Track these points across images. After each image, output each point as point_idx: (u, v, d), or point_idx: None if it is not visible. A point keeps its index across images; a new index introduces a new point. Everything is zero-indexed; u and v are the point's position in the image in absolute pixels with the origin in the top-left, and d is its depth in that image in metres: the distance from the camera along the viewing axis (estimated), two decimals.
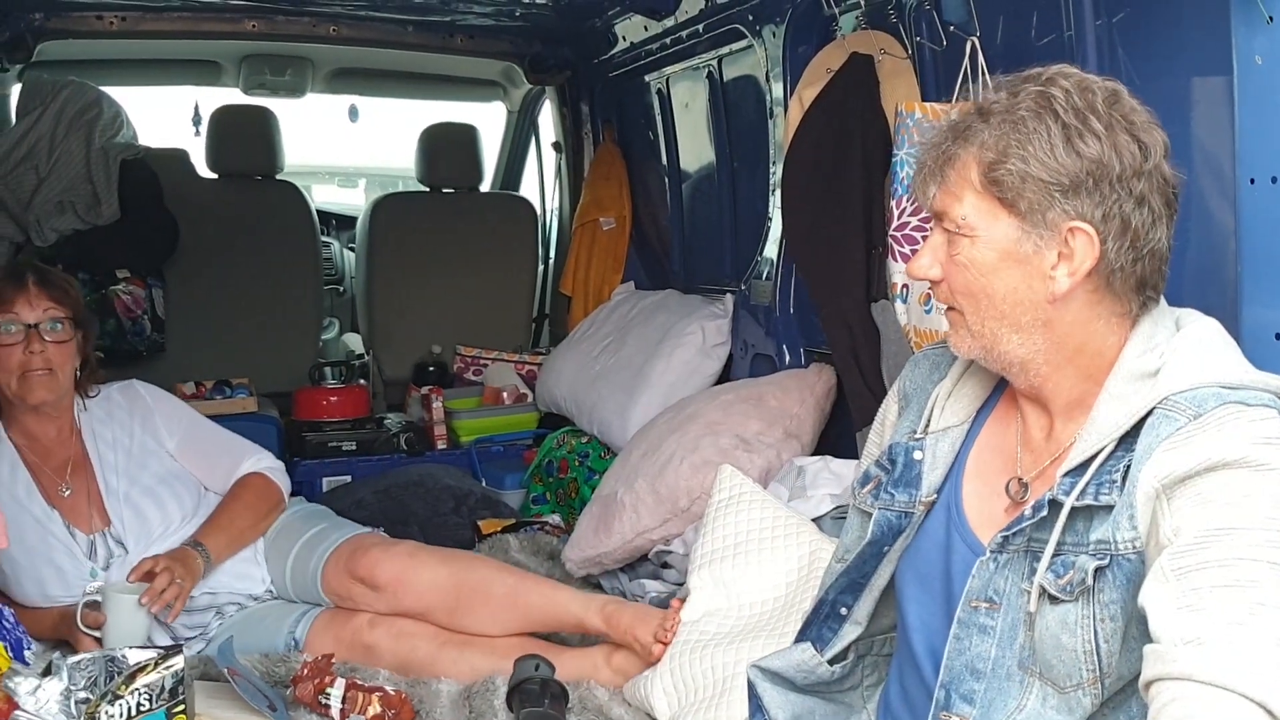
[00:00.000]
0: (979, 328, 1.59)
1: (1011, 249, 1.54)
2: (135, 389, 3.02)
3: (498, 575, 2.79)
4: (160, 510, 2.85)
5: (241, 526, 2.88)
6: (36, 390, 2.75)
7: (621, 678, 2.56)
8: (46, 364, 2.74)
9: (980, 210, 1.55)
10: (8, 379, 2.74)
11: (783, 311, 3.45)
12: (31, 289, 2.75)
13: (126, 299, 4.53)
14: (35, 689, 2.02)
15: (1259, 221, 1.80)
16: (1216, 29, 1.83)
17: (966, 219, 1.56)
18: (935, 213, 1.62)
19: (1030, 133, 1.51)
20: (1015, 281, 1.55)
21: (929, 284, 1.66)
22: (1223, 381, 1.45)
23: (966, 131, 1.57)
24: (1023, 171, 1.51)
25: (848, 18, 2.98)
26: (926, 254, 1.62)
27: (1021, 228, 1.53)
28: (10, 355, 2.73)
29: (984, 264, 1.56)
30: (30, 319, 2.73)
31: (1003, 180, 1.52)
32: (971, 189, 1.56)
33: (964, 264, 1.57)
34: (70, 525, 2.77)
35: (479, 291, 5.09)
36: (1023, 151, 1.51)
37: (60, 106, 4.34)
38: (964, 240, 1.57)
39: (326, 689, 2.32)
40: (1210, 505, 1.36)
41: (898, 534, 1.74)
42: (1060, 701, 1.51)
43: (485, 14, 4.42)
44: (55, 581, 2.72)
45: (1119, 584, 1.45)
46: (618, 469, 3.31)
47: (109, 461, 2.87)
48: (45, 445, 2.85)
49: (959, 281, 1.59)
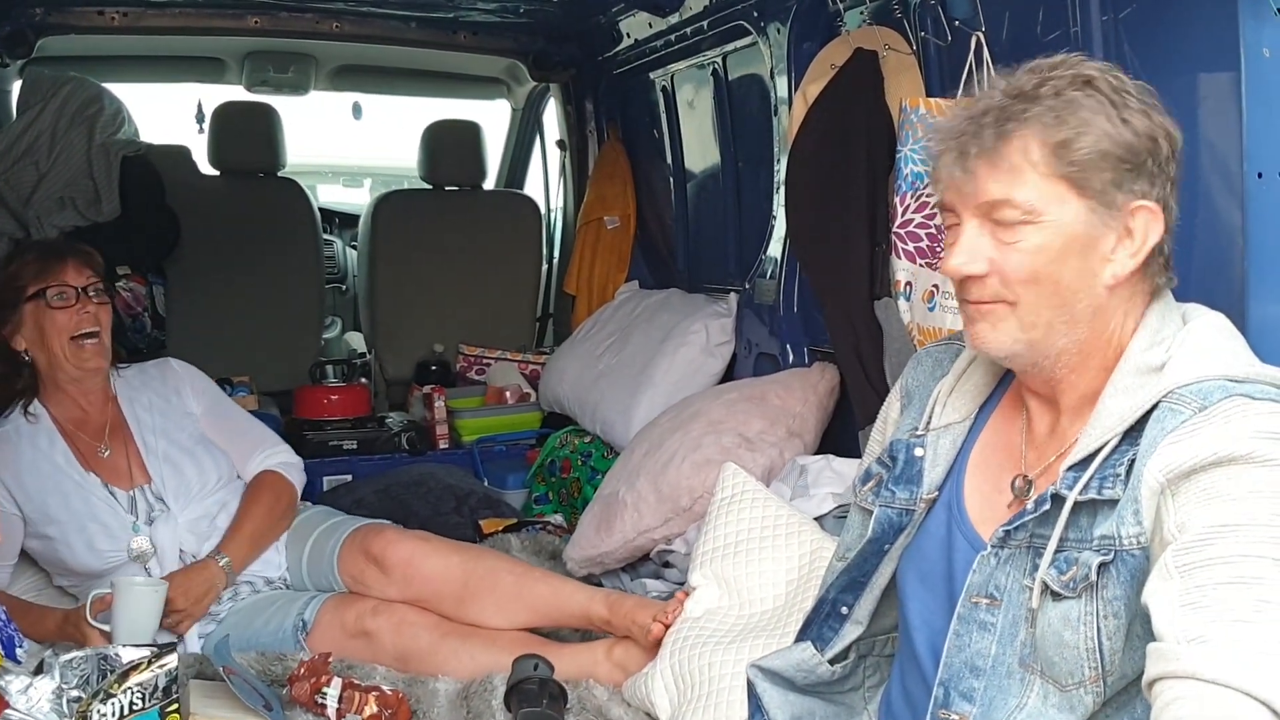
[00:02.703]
0: (1033, 318, 1.52)
1: (1079, 232, 1.49)
2: (169, 364, 3.20)
3: (505, 566, 2.87)
4: (198, 468, 2.98)
5: (262, 530, 2.98)
6: (91, 359, 2.92)
7: (621, 672, 2.56)
8: (95, 322, 2.91)
9: (1046, 193, 1.48)
10: (60, 344, 2.89)
11: (786, 310, 3.44)
12: (71, 260, 2.94)
13: (127, 296, 4.53)
14: (27, 687, 2.00)
15: (1266, 216, 1.78)
16: (1224, 22, 1.81)
17: (1032, 203, 1.49)
18: (982, 201, 1.52)
19: (1091, 111, 1.47)
20: (1078, 267, 1.50)
21: (963, 285, 1.56)
22: (1229, 374, 1.43)
23: (1015, 113, 1.50)
24: (1098, 150, 1.46)
25: (852, 13, 2.97)
26: (962, 251, 1.53)
27: (1091, 209, 1.49)
28: (65, 316, 2.88)
29: (1051, 249, 1.49)
30: (78, 283, 2.91)
31: (1078, 159, 1.47)
32: (1034, 170, 1.48)
33: (1029, 251, 1.49)
34: (109, 485, 2.89)
35: (482, 290, 5.08)
36: (1092, 130, 1.46)
37: (61, 102, 4.34)
38: (1027, 227, 1.49)
39: (323, 688, 2.32)
40: (1215, 501, 1.33)
41: (898, 531, 1.72)
42: (1062, 700, 1.49)
43: (489, 10, 4.41)
44: (102, 535, 2.83)
45: (1123, 580, 1.43)
46: (620, 468, 3.30)
47: (146, 423, 3.00)
48: (83, 412, 2.98)
49: (1022, 270, 1.50)
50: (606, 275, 4.66)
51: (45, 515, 2.83)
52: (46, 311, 2.87)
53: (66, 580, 2.89)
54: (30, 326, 2.90)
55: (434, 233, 5.07)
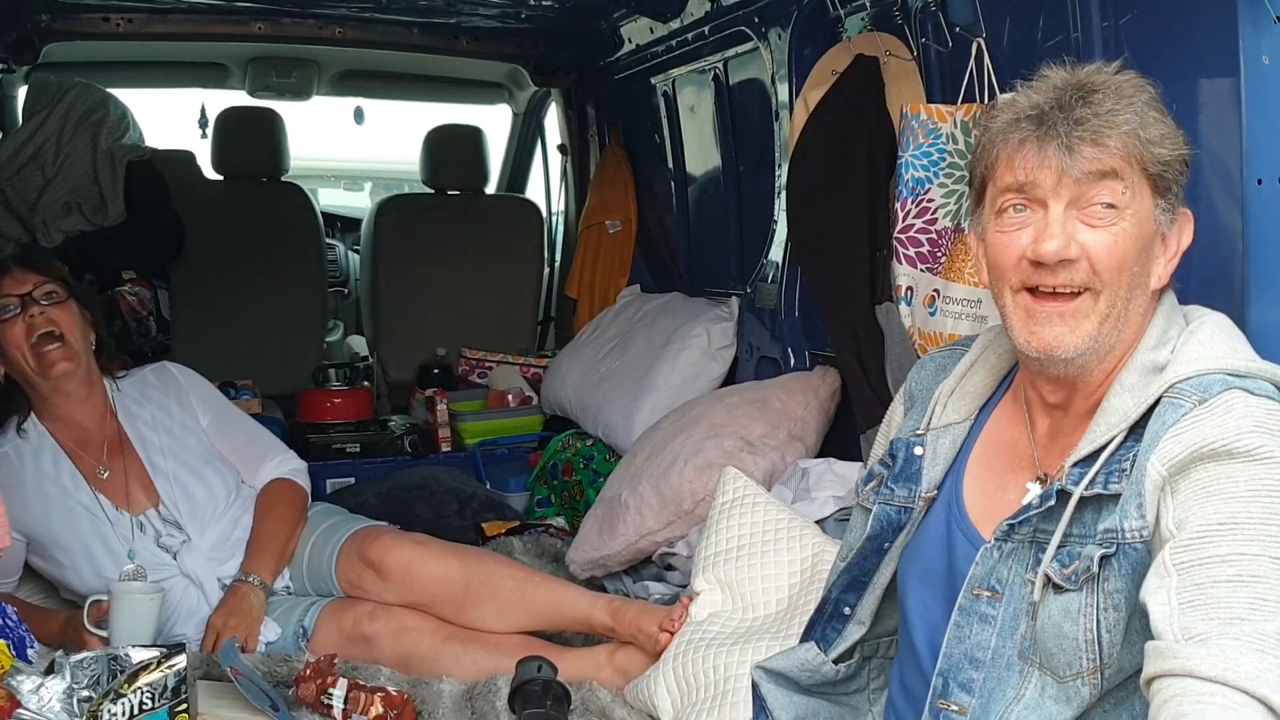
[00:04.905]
0: (1109, 309, 1.52)
1: (1151, 230, 1.53)
2: (168, 370, 3.08)
3: (507, 571, 2.84)
4: (207, 489, 2.91)
5: (283, 541, 2.95)
6: (55, 362, 2.78)
7: (623, 677, 2.57)
8: (50, 324, 2.77)
9: (1133, 185, 1.51)
10: (21, 359, 2.77)
11: (788, 314, 3.45)
12: (14, 269, 2.81)
13: (132, 300, 4.55)
14: (38, 687, 2.03)
15: (1266, 221, 1.80)
16: (1224, 29, 1.83)
17: (1127, 192, 1.51)
18: (1091, 170, 1.49)
19: (1158, 117, 1.51)
20: (1144, 264, 1.54)
21: (1045, 269, 1.52)
22: (1229, 369, 1.46)
23: (1105, 104, 1.50)
24: (1176, 155, 1.52)
25: (853, 20, 2.98)
26: (1055, 235, 1.50)
27: (1161, 207, 1.53)
28: (14, 329, 2.76)
29: (1134, 239, 1.51)
30: (20, 290, 2.78)
31: (1164, 159, 1.51)
32: (1126, 161, 1.50)
33: (1120, 236, 1.50)
34: (116, 506, 2.82)
35: (484, 294, 5.10)
36: (1172, 136, 1.51)
37: (67, 108, 4.36)
38: (1116, 212, 1.51)
39: (329, 689, 2.33)
40: (1213, 499, 1.35)
41: (898, 529, 1.73)
42: (1059, 691, 1.50)
43: (490, 16, 4.42)
44: (108, 561, 2.77)
45: (1124, 573, 1.44)
46: (622, 471, 3.31)
47: (152, 442, 2.91)
48: (82, 428, 2.89)
49: (1114, 255, 1.50)
50: (608, 279, 4.67)
51: (52, 540, 2.79)
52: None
53: (70, 595, 2.85)
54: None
55: (436, 237, 5.09)
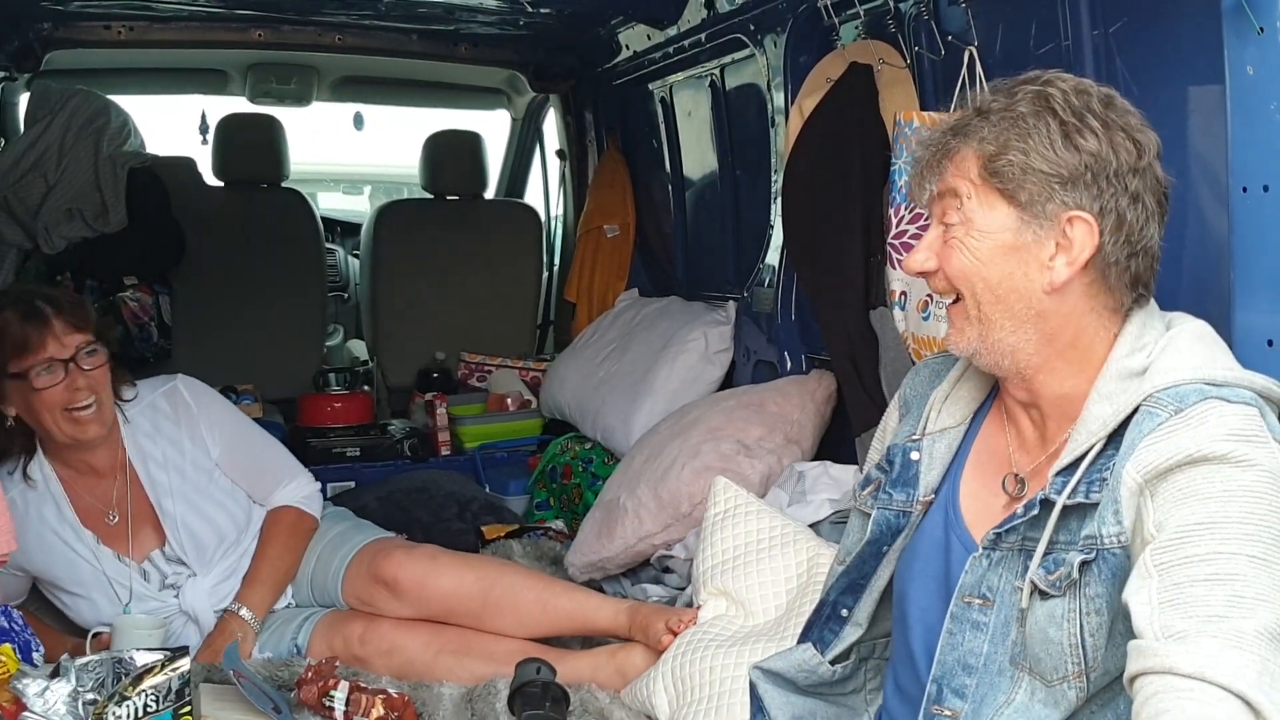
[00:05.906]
0: (976, 311, 1.62)
1: (1010, 239, 1.58)
2: (179, 393, 2.92)
3: (526, 582, 2.82)
4: (215, 530, 2.86)
5: (281, 572, 2.90)
6: (89, 429, 2.69)
7: (622, 679, 2.59)
8: (92, 389, 2.65)
9: (979, 201, 1.59)
10: (53, 422, 2.65)
11: (784, 318, 3.47)
12: (56, 325, 2.63)
13: (134, 306, 4.55)
14: (43, 690, 2.04)
15: (1251, 230, 1.81)
16: (1209, 40, 1.85)
17: (964, 209, 1.60)
18: (932, 207, 1.66)
19: (1030, 129, 1.56)
20: (1012, 269, 1.58)
21: (926, 280, 1.69)
22: (1206, 378, 1.48)
23: (965, 128, 1.62)
24: (1023, 164, 1.55)
25: (847, 28, 3.00)
26: (922, 249, 1.66)
27: (1021, 218, 1.57)
28: (53, 397, 2.63)
29: (981, 251, 1.59)
30: (65, 355, 2.63)
31: (1003, 172, 1.57)
32: (969, 182, 1.60)
33: (961, 250, 1.60)
34: (119, 555, 2.78)
35: (483, 298, 5.12)
36: (1023, 145, 1.55)
37: (69, 115, 4.37)
38: (962, 229, 1.60)
39: (330, 692, 2.34)
40: (1191, 501, 1.38)
41: (896, 534, 1.76)
42: (1047, 695, 1.53)
43: (489, 23, 4.44)
44: (109, 609, 2.74)
45: (1104, 578, 1.47)
46: (620, 474, 3.32)
47: (162, 484, 2.83)
48: (92, 469, 2.81)
49: (954, 267, 1.62)
50: (606, 283, 4.69)
51: (53, 583, 2.78)
52: (33, 391, 2.61)
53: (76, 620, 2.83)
54: (17, 400, 2.66)
55: (435, 241, 5.11)
